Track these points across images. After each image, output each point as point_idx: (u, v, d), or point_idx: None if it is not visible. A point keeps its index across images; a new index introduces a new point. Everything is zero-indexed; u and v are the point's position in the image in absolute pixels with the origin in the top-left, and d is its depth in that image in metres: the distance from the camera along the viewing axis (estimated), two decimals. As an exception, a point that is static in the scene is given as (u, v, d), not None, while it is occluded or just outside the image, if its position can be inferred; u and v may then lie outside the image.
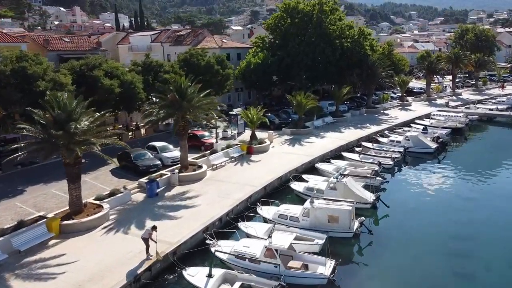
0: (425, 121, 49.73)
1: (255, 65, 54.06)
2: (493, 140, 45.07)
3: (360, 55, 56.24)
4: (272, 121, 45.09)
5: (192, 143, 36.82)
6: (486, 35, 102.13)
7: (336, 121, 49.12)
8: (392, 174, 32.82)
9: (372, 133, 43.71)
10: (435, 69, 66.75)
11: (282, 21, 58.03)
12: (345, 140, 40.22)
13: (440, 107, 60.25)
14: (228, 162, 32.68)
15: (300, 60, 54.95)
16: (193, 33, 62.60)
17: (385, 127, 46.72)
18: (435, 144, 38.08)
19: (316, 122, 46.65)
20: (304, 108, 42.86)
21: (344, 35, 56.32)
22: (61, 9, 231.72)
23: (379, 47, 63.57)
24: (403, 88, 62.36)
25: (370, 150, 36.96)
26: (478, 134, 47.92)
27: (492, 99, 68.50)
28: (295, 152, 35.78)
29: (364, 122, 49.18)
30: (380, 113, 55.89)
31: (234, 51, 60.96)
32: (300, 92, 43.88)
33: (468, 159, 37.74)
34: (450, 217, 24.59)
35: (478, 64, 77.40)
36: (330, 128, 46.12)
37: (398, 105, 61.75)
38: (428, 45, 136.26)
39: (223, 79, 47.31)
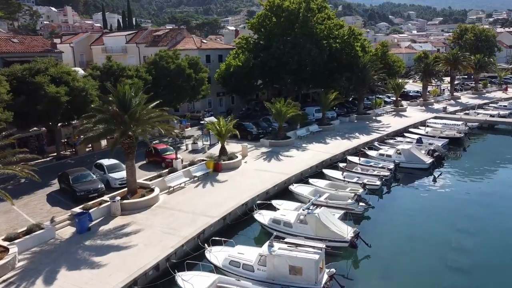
0: (420, 130, 45.25)
1: (235, 68, 49.56)
2: (495, 152, 40.51)
3: (350, 56, 51.75)
4: (249, 131, 40.56)
5: (153, 159, 32.38)
6: (486, 35, 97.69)
7: (322, 129, 44.58)
8: (379, 196, 28.29)
9: (361, 144, 39.19)
10: (432, 72, 62.26)
11: (267, 20, 53.55)
12: (329, 154, 35.69)
13: (437, 112, 55.78)
14: (189, 182, 28.12)
15: (284, 62, 50.45)
16: (171, 33, 58.06)
17: (376, 136, 42.21)
18: (430, 159, 33.56)
19: (299, 131, 42.11)
20: (284, 117, 38.35)
21: (333, 35, 51.81)
22: (52, 9, 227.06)
23: (371, 48, 58.98)
24: (397, 92, 57.87)
25: (356, 166, 32.42)
26: (478, 144, 43.39)
27: (493, 103, 64.05)
28: (269, 169, 31.23)
29: (353, 131, 44.66)
30: (371, 120, 51.36)
31: (214, 53, 56.43)
32: (280, 98, 39.36)
33: (467, 176, 33.19)
34: (448, 258, 20.05)
35: (478, 66, 72.94)
36: (314, 138, 41.57)
37: (392, 110, 57.23)
38: (426, 46, 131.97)
39: (197, 84, 42.72)
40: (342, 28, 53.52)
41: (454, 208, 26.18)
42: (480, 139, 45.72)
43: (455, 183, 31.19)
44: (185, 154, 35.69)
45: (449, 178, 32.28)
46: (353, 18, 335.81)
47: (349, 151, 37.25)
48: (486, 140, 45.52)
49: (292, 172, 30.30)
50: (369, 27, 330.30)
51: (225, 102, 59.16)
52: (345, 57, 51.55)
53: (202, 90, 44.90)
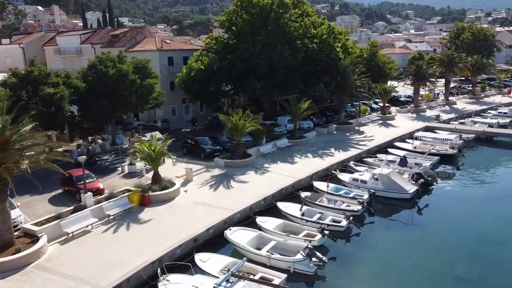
0: (408, 144, 38.99)
1: (197, 72, 43.29)
2: (494, 172, 34.10)
3: (329, 58, 45.46)
4: (202, 147, 34.22)
5: (68, 189, 26.08)
6: (485, 35, 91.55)
7: (293, 144, 38.26)
8: (346, 240, 22.04)
9: (334, 164, 32.90)
10: (424, 75, 55.95)
11: (239, 18, 47.25)
12: (293, 178, 29.37)
13: (429, 121, 49.51)
14: (99, 224, 21.84)
15: (254, 65, 44.21)
16: (131, 32, 51.74)
17: (354, 153, 35.90)
18: (413, 187, 27.21)
19: (263, 148, 35.76)
20: (242, 132, 32.07)
21: (310, 34, 45.48)
22: (38, 8, 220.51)
23: (356, 48, 52.68)
24: (384, 98, 51.55)
25: (322, 196, 26.15)
26: (474, 161, 37.00)
27: (492, 109, 57.78)
28: (211, 202, 24.91)
29: (329, 146, 38.36)
30: (353, 131, 45.01)
31: (178, 54, 50.10)
32: (238, 110, 33.08)
33: (460, 207, 26.88)
34: None
35: (476, 68, 66.63)
36: (281, 155, 35.27)
37: (378, 118, 50.90)
38: (422, 45, 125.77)
39: (145, 92, 36.38)
40: (321, 27, 47.17)
41: (443, 261, 19.90)
42: (477, 154, 39.37)
43: (445, 218, 24.91)
44: (117, 180, 29.42)
45: (437, 211, 26.01)
46: (350, 18, 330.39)
47: (319, 173, 30.95)
48: (484, 156, 39.12)
49: (239, 207, 24.00)
50: (366, 26, 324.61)
51: (192, 109, 52.84)
52: (324, 59, 45.27)
53: (154, 98, 38.59)
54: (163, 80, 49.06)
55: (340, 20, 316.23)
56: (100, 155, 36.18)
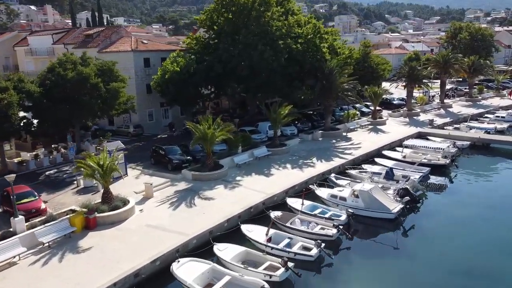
0: (397, 153, 36.01)
1: (171, 74, 40.31)
2: (490, 185, 31.11)
3: (315, 60, 42.45)
4: (169, 158, 31.17)
5: (6, 209, 23.06)
6: (483, 34, 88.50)
7: (273, 153, 35.27)
8: (316, 271, 19.06)
9: (314, 176, 29.90)
10: (418, 77, 52.95)
11: (220, 16, 44.22)
12: (265, 194, 26.35)
13: (422, 126, 46.53)
14: (29, 254, 18.82)
15: (234, 67, 41.20)
16: (106, 32, 48.70)
17: (337, 163, 32.92)
18: (397, 205, 24.16)
19: (238, 158, 32.71)
20: (212, 142, 29.06)
21: (294, 34, 42.44)
22: (31, 7, 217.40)
23: (345, 49, 49.67)
24: (375, 101, 48.55)
25: (294, 216, 23.15)
26: (469, 171, 33.93)
27: (489, 113, 54.81)
28: (167, 225, 21.87)
29: (311, 154, 35.37)
30: (340, 137, 42.03)
31: (156, 55, 47.06)
32: (208, 117, 30.10)
33: (450, 227, 23.88)
34: None
35: (473, 69, 63.64)
36: (258, 166, 32.28)
37: (368, 123, 47.89)
38: (419, 46, 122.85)
39: (110, 96, 33.35)
40: (306, 26, 44.13)
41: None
42: (472, 163, 36.30)
43: (433, 241, 21.93)
44: (68, 196, 26.37)
45: (424, 233, 23.03)
46: (348, 17, 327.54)
47: (296, 188, 27.94)
48: (479, 165, 35.98)
49: (197, 231, 20.98)
50: (364, 26, 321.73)
51: (171, 114, 49.84)
52: (309, 60, 42.25)
53: (121, 103, 35.59)
54: (139, 82, 46.21)
55: (338, 20, 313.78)
56: (60, 165, 33.16)
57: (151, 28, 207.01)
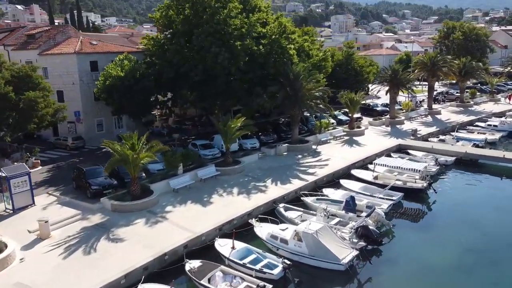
0: (368, 172, 30.86)
1: (113, 80, 35.24)
2: (476, 216, 25.64)
3: (281, 63, 37.31)
4: (88, 182, 25.95)
5: None
6: (477, 34, 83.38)
7: (222, 172, 30.11)
8: None
9: (261, 205, 24.76)
10: (402, 81, 47.82)
11: (179, 14, 39.04)
12: (192, 233, 21.15)
13: (405, 137, 41.48)
14: None
15: (186, 71, 36.09)
16: (51, 32, 43.57)
17: (295, 187, 27.75)
18: (350, 253, 18.93)
19: (176, 181, 27.43)
20: (136, 165, 23.91)
21: (256, 34, 37.24)
22: (18, 7, 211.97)
23: (315, 50, 44.50)
24: (352, 109, 43.38)
25: (217, 269, 18.00)
26: (451, 196, 28.72)
27: (480, 121, 49.72)
28: (43, 285, 16.76)
29: (268, 174, 30.26)
30: (309, 151, 36.90)
31: (105, 58, 41.78)
32: (133, 133, 24.99)
33: (420, 276, 18.77)
34: None
35: (464, 72, 58.53)
36: (199, 191, 27.12)
37: (344, 134, 42.73)
38: (413, 46, 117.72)
39: (27, 107, 28.17)
40: (269, 25, 38.94)
41: None
42: (455, 184, 31.06)
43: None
44: None
45: None
46: (344, 17, 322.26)
47: (234, 222, 22.77)
48: (464, 187, 30.64)
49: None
50: (361, 26, 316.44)
51: (126, 123, 44.61)
52: (273, 63, 37.10)
53: (48, 114, 30.44)
54: (85, 88, 41.11)
55: (334, 19, 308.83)
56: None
57: (142, 28, 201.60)
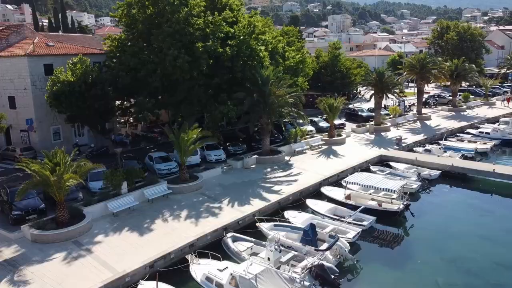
0: (339, 190, 27.33)
1: (61, 86, 31.82)
2: (459, 248, 22.17)
3: (248, 67, 33.88)
4: (10, 206, 22.40)
5: None
6: (472, 34, 79.93)
7: (175, 191, 26.64)
8: None
9: (208, 233, 21.28)
10: (387, 86, 44.37)
11: (141, 13, 35.51)
12: (114, 272, 17.74)
13: (389, 146, 38.12)
14: None
15: (144, 76, 32.66)
16: (4, 32, 40.03)
17: (253, 209, 24.30)
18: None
19: (114, 203, 23.82)
20: (62, 187, 20.43)
21: (222, 34, 33.78)
22: (8, 7, 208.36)
23: (292, 53, 41.04)
24: (331, 116, 39.89)
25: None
26: (432, 217, 25.31)
27: (472, 127, 46.30)
28: None
29: (227, 193, 26.85)
30: (280, 163, 33.49)
31: (63, 60, 38.11)
32: (56, 150, 21.53)
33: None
34: None
35: (456, 74, 55.13)
36: (142, 215, 23.65)
37: (322, 143, 39.34)
38: (407, 46, 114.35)
39: None
40: (237, 25, 35.49)
41: None
42: (438, 204, 27.50)
43: None
44: None
45: None
46: (341, 17, 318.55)
47: (171, 257, 19.30)
48: (447, 208, 26.87)
49: None
50: (359, 26, 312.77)
51: (88, 131, 41.03)
52: (241, 67, 33.63)
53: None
54: (38, 94, 37.44)
55: (331, 19, 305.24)
56: None
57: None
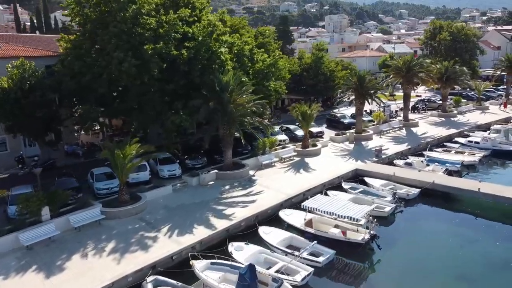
0: (299, 215, 23.73)
1: None
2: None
3: (208, 71, 30.35)
4: None
5: None
6: (466, 35, 76.43)
7: (109, 216, 23.11)
8: None
9: (129, 275, 17.75)
10: (368, 90, 40.83)
11: (91, 11, 31.94)
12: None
13: (368, 157, 34.59)
14: None
15: (88, 81, 29.14)
16: None
17: (198, 238, 20.75)
18: None
19: (27, 235, 20.08)
20: None
21: (178, 35, 30.21)
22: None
23: (260, 54, 37.49)
24: (305, 125, 36.33)
25: None
26: (402, 249, 21.79)
27: (461, 135, 42.76)
28: None
29: (171, 217, 23.31)
30: (243, 179, 29.94)
31: (4, 63, 34.67)
32: None
33: None
34: None
35: (445, 77, 51.62)
36: (62, 246, 20.16)
37: (295, 154, 35.81)
38: (401, 47, 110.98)
39: None
40: (195, 24, 31.89)
41: None
42: (413, 229, 23.91)
43: None
44: None
45: None
46: (338, 17, 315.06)
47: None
48: (423, 236, 23.11)
49: None
50: (356, 26, 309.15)
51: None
52: (199, 72, 30.09)
53: None
54: (-22, 101, 33.96)
55: (328, 19, 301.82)
56: None
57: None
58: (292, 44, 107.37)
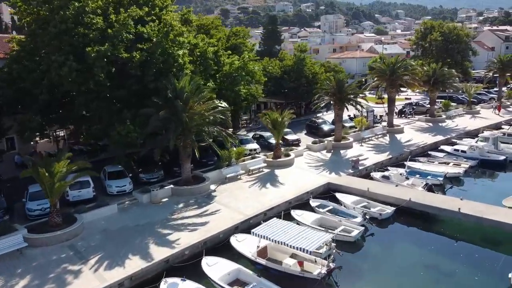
0: (253, 241, 20.76)
1: None
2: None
3: (163, 76, 27.38)
4: None
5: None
6: (458, 35, 73.60)
7: (33, 243, 20.09)
8: None
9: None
10: (347, 95, 37.91)
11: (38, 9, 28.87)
12: None
13: (344, 169, 31.73)
14: None
15: (28, 88, 26.18)
16: None
17: (132, 271, 17.77)
18: None
19: None
20: None
21: (130, 34, 27.20)
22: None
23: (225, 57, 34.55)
24: (276, 134, 33.35)
25: None
26: (365, 281, 18.94)
27: (448, 143, 39.91)
28: None
29: (104, 246, 20.32)
30: (201, 195, 26.99)
31: None
32: None
33: None
34: None
35: (433, 80, 48.78)
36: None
37: (265, 165, 32.88)
38: (393, 48, 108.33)
39: None
40: (153, 23, 28.87)
41: None
42: (382, 259, 21.01)
43: None
44: None
45: None
46: (334, 17, 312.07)
47: None
48: (393, 267, 20.33)
49: None
50: (352, 26, 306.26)
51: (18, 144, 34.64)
52: (152, 77, 27.09)
53: None
54: None
55: (324, 19, 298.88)
56: None
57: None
58: (281, 44, 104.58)
